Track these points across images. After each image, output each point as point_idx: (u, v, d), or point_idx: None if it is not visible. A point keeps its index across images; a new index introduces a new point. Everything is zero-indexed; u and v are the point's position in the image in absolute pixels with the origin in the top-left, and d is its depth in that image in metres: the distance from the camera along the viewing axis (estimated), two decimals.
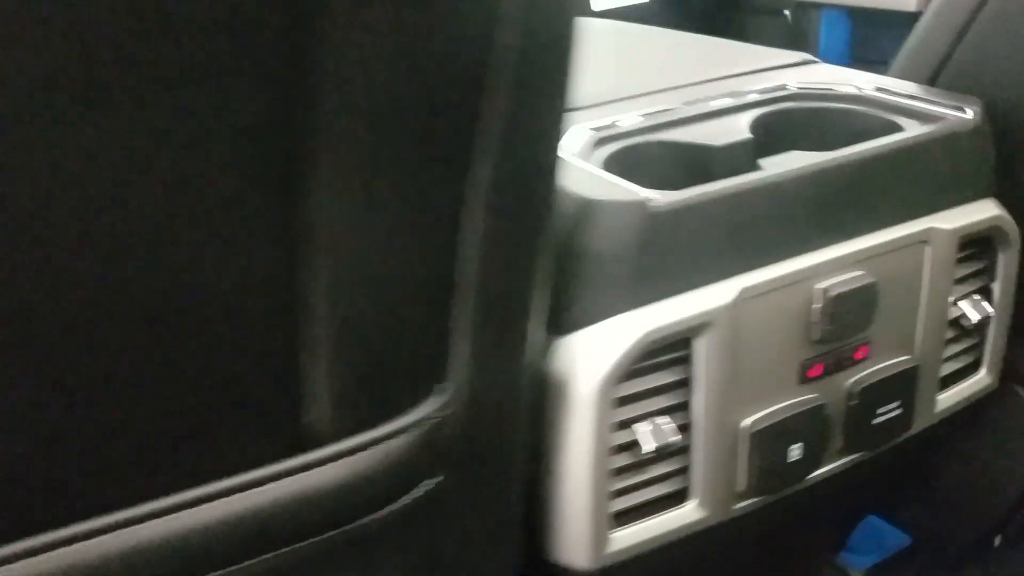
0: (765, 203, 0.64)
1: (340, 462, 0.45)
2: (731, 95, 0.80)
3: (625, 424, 0.64)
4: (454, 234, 0.45)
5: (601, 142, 0.72)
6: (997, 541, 1.00)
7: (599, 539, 0.64)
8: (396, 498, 0.48)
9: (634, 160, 0.72)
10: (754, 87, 0.81)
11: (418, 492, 0.49)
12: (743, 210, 0.63)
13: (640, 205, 0.60)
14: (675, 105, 0.78)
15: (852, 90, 0.80)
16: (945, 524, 1.03)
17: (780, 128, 0.78)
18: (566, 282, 0.61)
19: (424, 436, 0.48)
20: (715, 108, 0.78)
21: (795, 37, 1.84)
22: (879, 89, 0.79)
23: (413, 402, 0.47)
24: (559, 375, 0.61)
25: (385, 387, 0.46)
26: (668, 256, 0.61)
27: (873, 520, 1.18)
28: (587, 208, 0.60)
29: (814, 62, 0.88)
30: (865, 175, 0.68)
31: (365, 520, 0.48)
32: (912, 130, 0.73)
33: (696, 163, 0.72)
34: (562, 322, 0.62)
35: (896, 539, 1.17)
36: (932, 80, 0.86)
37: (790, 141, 0.77)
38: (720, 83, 0.82)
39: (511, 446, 0.56)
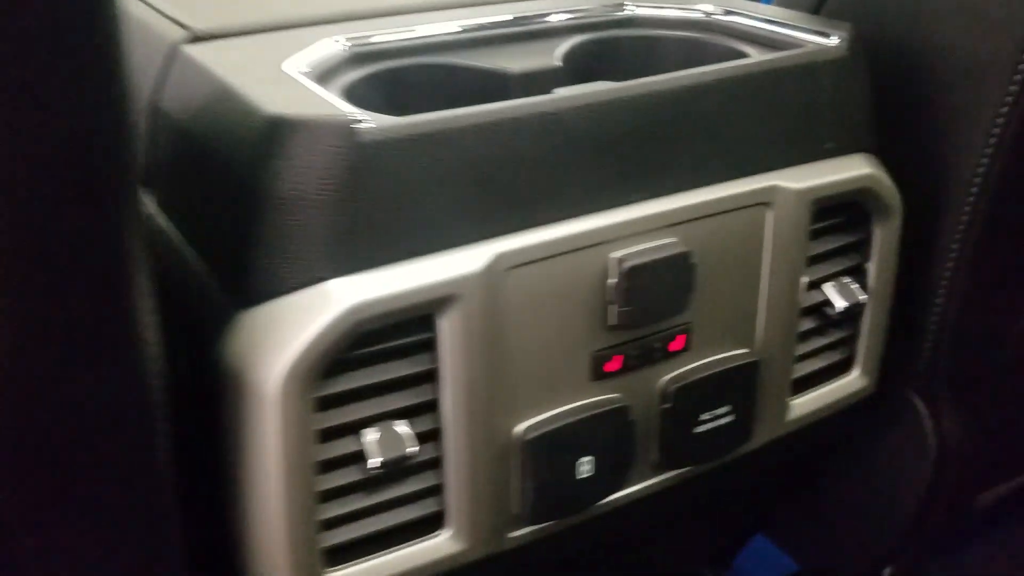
0: (534, 141, 0.48)
1: None
2: (548, 16, 0.64)
3: (348, 430, 0.49)
4: None
5: (356, 61, 0.56)
6: (887, 573, 0.86)
7: None
8: None
9: (398, 87, 0.56)
10: (581, 9, 0.66)
11: None
12: (501, 148, 0.47)
13: (344, 128, 0.44)
14: (472, 23, 0.62)
15: (698, 15, 0.65)
16: (829, 552, 0.89)
17: (604, 58, 0.62)
18: (247, 233, 0.45)
19: None
20: (523, 30, 0.62)
21: None
22: (729, 13, 0.64)
23: None
24: (235, 363, 0.45)
25: None
26: (389, 204, 0.45)
27: (763, 541, 1.04)
28: (270, 129, 0.44)
29: None
30: (680, 113, 0.52)
31: None
32: (753, 58, 0.58)
33: (486, 96, 0.57)
34: (243, 289, 0.46)
35: (787, 562, 1.04)
36: (816, 8, 0.71)
37: (616, 74, 0.62)
38: (541, 1, 0.67)
39: (139, 467, 0.41)
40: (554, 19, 0.63)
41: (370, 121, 0.44)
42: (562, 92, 0.53)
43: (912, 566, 0.84)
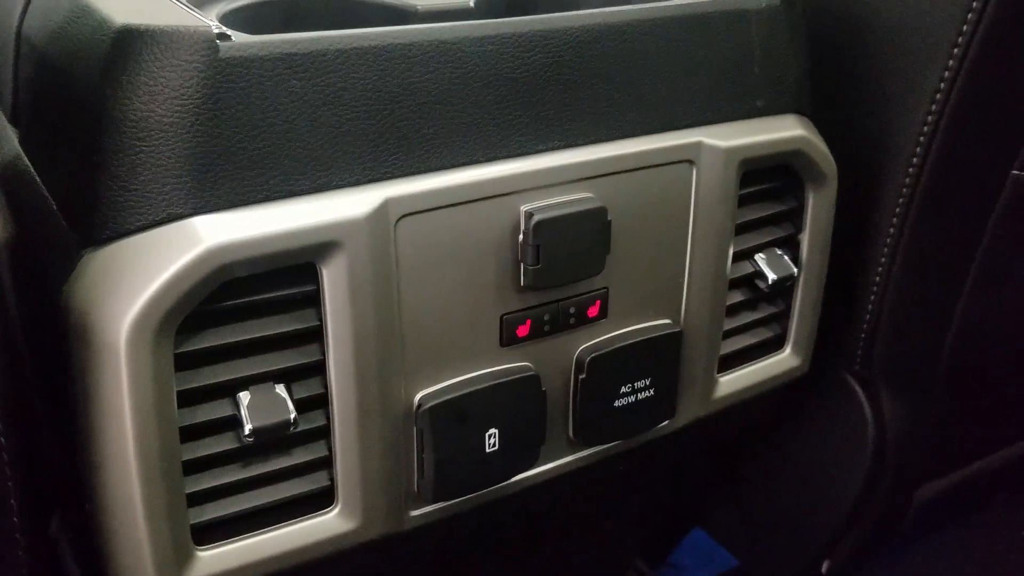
0: (430, 73, 0.44)
1: None
2: None
3: (219, 392, 0.44)
4: None
5: None
6: (825, 567, 0.82)
7: (169, 563, 0.43)
8: None
9: (290, 20, 0.51)
10: None
11: None
12: (391, 77, 0.43)
13: (203, 41, 0.39)
14: None
15: None
16: (767, 546, 0.85)
17: (522, 3, 0.58)
18: (92, 162, 0.40)
19: None
20: None
21: None
22: None
23: None
24: (80, 310, 0.40)
25: None
26: (259, 133, 0.40)
27: (702, 536, 1.01)
28: (119, 41, 0.39)
29: None
30: (593, 54, 0.48)
31: None
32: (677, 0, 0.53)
33: None
34: (89, 227, 0.41)
35: (726, 557, 1.01)
36: None
37: None
38: None
39: None
40: None
41: (234, 36, 0.40)
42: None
43: (851, 560, 0.81)
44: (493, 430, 0.50)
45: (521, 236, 0.47)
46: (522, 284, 0.48)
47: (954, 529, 0.92)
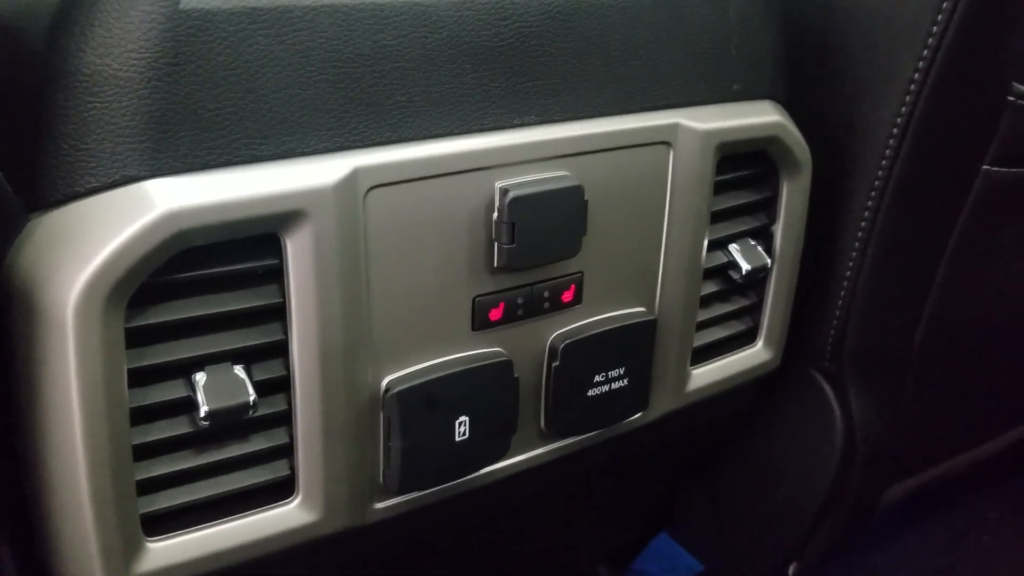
0: (403, 36, 0.42)
1: None
2: None
3: (174, 372, 0.41)
4: None
5: None
6: (791, 570, 0.82)
7: (117, 554, 0.40)
8: None
9: None
10: None
11: None
12: (362, 39, 0.41)
13: None
14: None
15: None
16: (733, 549, 0.84)
17: None
18: (40, 118, 0.37)
19: None
20: None
21: None
22: None
23: None
24: (25, 278, 0.37)
25: None
26: (221, 93, 0.38)
27: (667, 541, 0.99)
28: None
29: None
30: (575, 29, 0.47)
31: None
32: None
33: None
34: (36, 189, 0.38)
35: (690, 563, 0.99)
36: None
37: None
38: None
39: None
40: None
41: None
42: None
43: (817, 562, 0.80)
44: (463, 418, 0.48)
45: (496, 213, 0.46)
46: (496, 265, 0.47)
47: (918, 532, 0.92)
